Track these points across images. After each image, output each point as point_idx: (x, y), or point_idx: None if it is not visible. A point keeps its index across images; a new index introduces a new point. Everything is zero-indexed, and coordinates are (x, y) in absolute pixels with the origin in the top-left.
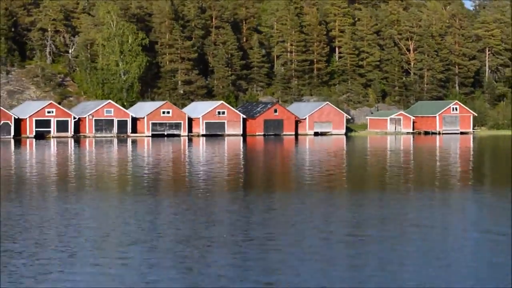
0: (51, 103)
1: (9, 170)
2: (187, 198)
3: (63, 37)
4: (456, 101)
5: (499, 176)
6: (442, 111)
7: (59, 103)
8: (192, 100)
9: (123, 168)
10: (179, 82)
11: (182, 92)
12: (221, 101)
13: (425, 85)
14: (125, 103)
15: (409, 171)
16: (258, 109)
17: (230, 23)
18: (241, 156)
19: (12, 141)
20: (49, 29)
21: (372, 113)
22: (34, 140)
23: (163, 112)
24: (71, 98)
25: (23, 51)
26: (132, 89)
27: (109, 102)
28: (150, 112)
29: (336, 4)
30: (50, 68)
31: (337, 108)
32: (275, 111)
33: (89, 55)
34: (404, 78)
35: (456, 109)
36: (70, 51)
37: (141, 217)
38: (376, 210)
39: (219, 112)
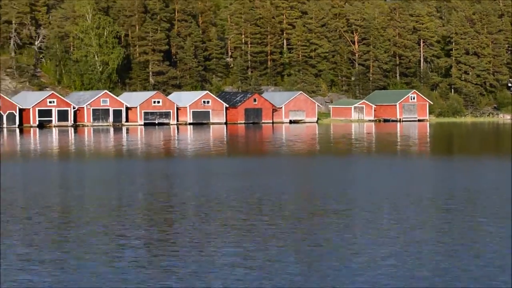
0: (52, 93)
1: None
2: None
3: (28, 29)
4: (414, 90)
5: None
6: (402, 99)
7: None
8: (164, 91)
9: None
10: (151, 73)
11: (153, 82)
12: (206, 91)
13: (371, 75)
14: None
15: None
16: (238, 98)
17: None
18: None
19: (17, 130)
20: (13, 22)
21: (326, 102)
22: (37, 129)
23: (154, 102)
24: (47, 89)
25: None
26: (109, 80)
27: (105, 92)
28: (143, 102)
29: None
30: (23, 60)
31: (310, 98)
32: (255, 100)
33: (63, 47)
34: (351, 69)
35: (414, 98)
36: (36, 43)
37: None
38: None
39: (204, 102)
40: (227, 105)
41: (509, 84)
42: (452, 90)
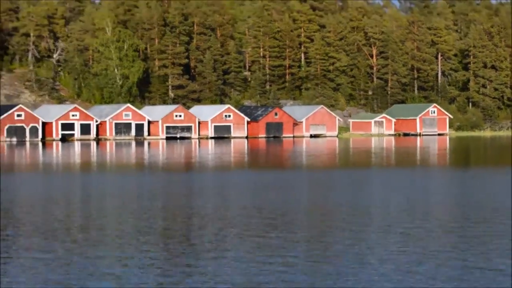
0: (75, 107)
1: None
2: None
3: (47, 42)
4: (434, 104)
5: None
6: (422, 113)
7: None
8: (184, 104)
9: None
10: (170, 86)
11: (173, 96)
12: (228, 105)
13: (389, 89)
14: None
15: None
16: (259, 112)
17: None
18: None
19: (40, 143)
20: (31, 34)
21: (345, 116)
22: (60, 142)
23: (176, 116)
24: (67, 102)
25: (3, 55)
26: (129, 93)
27: (128, 106)
28: (165, 116)
29: (302, 11)
30: (42, 73)
31: (330, 112)
32: (276, 114)
33: (82, 60)
34: (369, 83)
35: (434, 112)
36: (54, 56)
37: None
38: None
39: (225, 116)
40: (248, 119)
41: None
42: (470, 103)
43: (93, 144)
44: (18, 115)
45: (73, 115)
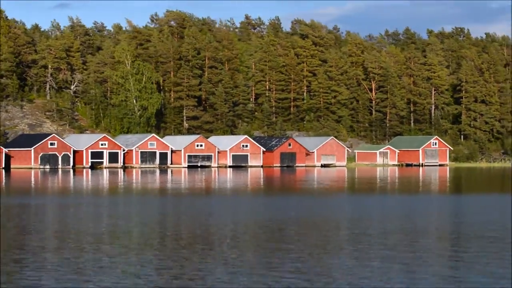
0: (104, 136)
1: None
2: None
3: (65, 73)
4: (436, 136)
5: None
6: (425, 145)
7: None
8: (198, 134)
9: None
10: (185, 117)
11: (187, 126)
12: (245, 136)
13: (388, 122)
14: None
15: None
16: (273, 142)
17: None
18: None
19: (71, 171)
20: (50, 66)
21: (347, 147)
22: (90, 170)
23: (197, 145)
24: (87, 131)
25: (23, 87)
26: (148, 123)
27: (153, 136)
28: (187, 145)
29: (305, 46)
30: (65, 103)
31: (340, 143)
32: (289, 144)
33: (101, 92)
34: (368, 115)
35: (436, 143)
36: (71, 87)
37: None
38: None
39: (243, 146)
40: (264, 149)
41: None
42: (462, 136)
43: (120, 172)
44: (51, 144)
45: (102, 144)
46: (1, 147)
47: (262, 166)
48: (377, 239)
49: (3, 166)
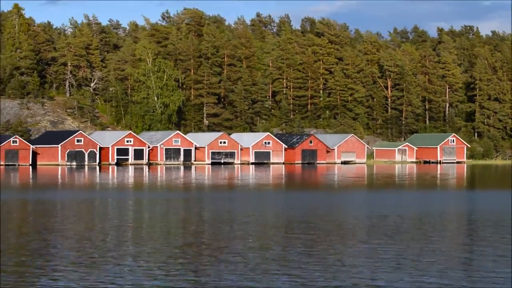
0: (130, 133)
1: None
2: None
3: (84, 71)
4: (454, 133)
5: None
6: (443, 142)
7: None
8: (218, 131)
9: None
10: (205, 114)
11: (207, 123)
12: (267, 133)
13: (404, 119)
14: None
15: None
16: (295, 139)
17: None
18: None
19: (97, 167)
20: (69, 64)
21: (365, 144)
22: (116, 166)
23: (220, 142)
24: (108, 128)
25: (43, 84)
26: (169, 120)
27: (177, 133)
28: (210, 142)
29: (322, 44)
30: (85, 101)
31: (360, 140)
32: (311, 142)
33: (122, 89)
34: (384, 113)
35: (453, 141)
36: (91, 84)
37: None
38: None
39: (265, 143)
40: (286, 146)
41: None
42: (476, 134)
43: (146, 168)
44: (78, 141)
45: (127, 141)
46: (29, 144)
47: (284, 163)
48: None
49: (30, 162)
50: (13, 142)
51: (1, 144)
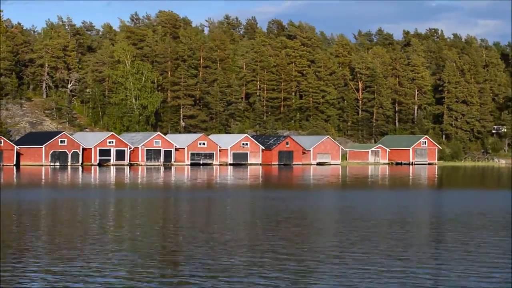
0: (112, 134)
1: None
2: None
3: (62, 72)
4: (426, 135)
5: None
6: (415, 144)
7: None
8: (194, 133)
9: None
10: (182, 116)
11: (183, 125)
12: (246, 134)
13: (374, 121)
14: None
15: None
16: (272, 141)
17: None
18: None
19: (80, 168)
20: (46, 65)
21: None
22: (98, 167)
23: (200, 144)
24: (86, 129)
25: (20, 85)
26: (147, 122)
27: (158, 134)
28: (190, 143)
29: (294, 47)
30: (63, 102)
31: (335, 141)
32: (287, 143)
33: (100, 90)
34: (356, 115)
35: (425, 143)
36: (68, 86)
37: None
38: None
39: (243, 144)
40: (263, 148)
41: (493, 131)
42: (444, 136)
43: (127, 169)
44: (62, 141)
45: (109, 142)
46: (13, 144)
47: (261, 164)
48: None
49: (14, 163)
50: None
51: None
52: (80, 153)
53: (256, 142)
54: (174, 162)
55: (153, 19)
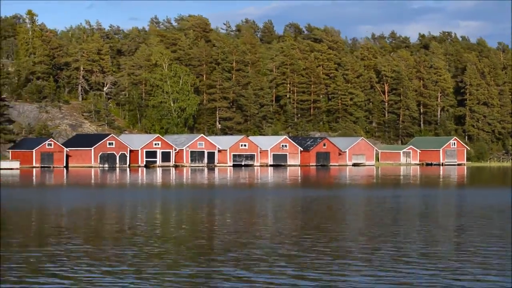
0: (158, 136)
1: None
2: None
3: (97, 75)
4: (455, 137)
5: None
6: (445, 145)
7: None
8: (231, 135)
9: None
10: (218, 118)
11: (220, 127)
12: (285, 136)
13: (401, 123)
14: None
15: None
16: (309, 143)
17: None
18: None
19: (128, 169)
20: (82, 68)
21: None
22: (145, 168)
23: (241, 145)
24: (125, 132)
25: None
26: (185, 124)
27: (202, 136)
28: (232, 145)
29: (322, 50)
30: (100, 105)
31: (369, 143)
32: (324, 145)
33: (138, 93)
34: (383, 117)
35: (455, 144)
36: (104, 89)
37: None
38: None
39: (282, 146)
40: (301, 149)
41: None
42: (466, 137)
43: (172, 171)
44: (110, 143)
45: (155, 144)
46: (63, 146)
47: (300, 165)
48: None
49: (64, 164)
50: (48, 145)
51: (37, 147)
52: (128, 155)
53: (295, 144)
54: (217, 163)
55: (180, 23)
